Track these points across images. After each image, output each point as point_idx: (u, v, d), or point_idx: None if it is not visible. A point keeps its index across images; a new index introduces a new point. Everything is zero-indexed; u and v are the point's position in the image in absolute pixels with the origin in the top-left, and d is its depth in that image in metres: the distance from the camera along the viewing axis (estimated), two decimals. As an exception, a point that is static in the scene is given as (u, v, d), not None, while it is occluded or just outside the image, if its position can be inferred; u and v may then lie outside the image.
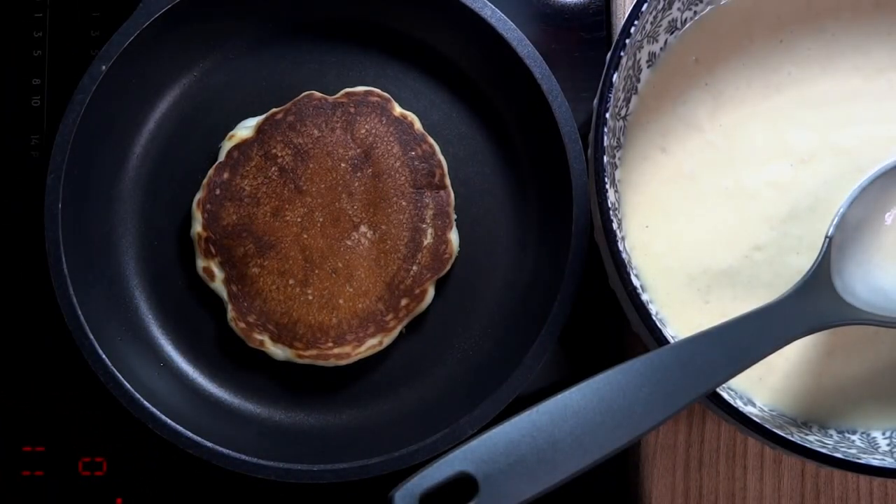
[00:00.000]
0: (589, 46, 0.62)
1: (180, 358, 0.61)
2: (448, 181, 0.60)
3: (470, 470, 0.40)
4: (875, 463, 0.46)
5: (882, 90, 0.52)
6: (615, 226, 0.47)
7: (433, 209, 0.59)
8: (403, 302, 0.58)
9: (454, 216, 0.60)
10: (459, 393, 0.59)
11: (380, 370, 0.60)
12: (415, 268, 0.58)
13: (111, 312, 0.59)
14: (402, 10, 0.61)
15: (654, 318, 0.46)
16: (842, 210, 0.48)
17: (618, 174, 0.52)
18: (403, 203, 0.59)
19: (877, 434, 0.51)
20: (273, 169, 0.59)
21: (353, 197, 0.59)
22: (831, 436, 0.51)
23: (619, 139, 0.52)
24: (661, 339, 0.46)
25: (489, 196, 0.62)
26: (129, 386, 0.55)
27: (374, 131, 0.59)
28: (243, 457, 0.55)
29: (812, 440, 0.48)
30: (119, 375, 0.55)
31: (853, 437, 0.51)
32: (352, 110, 0.60)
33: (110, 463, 0.61)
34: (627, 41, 0.47)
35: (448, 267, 0.59)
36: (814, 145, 0.52)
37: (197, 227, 0.59)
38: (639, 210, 0.52)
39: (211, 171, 0.60)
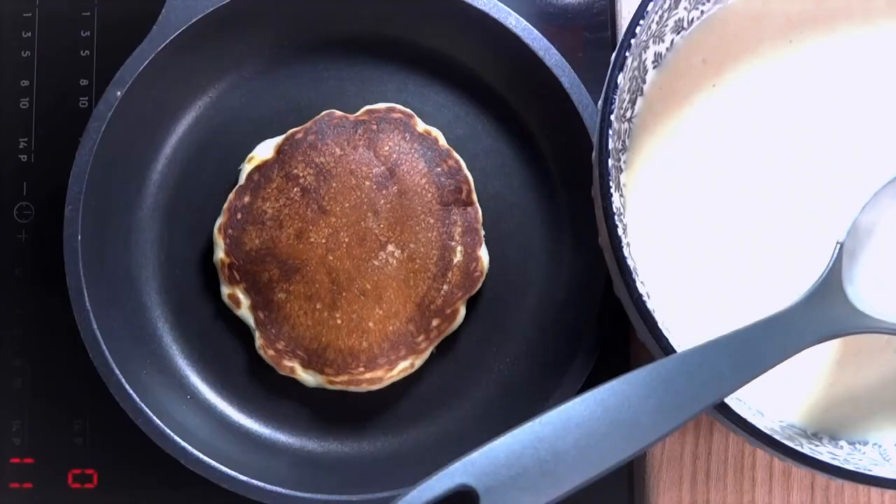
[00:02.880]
0: (593, 47, 0.62)
1: (208, 389, 0.60)
2: (475, 197, 0.59)
3: (470, 482, 0.39)
4: (887, 475, 0.45)
5: (894, 92, 0.52)
6: (620, 231, 0.46)
7: (461, 226, 0.58)
8: (434, 322, 0.57)
9: (483, 232, 0.59)
10: (497, 414, 0.58)
11: (413, 394, 0.59)
12: (445, 287, 0.57)
13: (135, 345, 0.58)
14: (421, 23, 0.60)
15: (660, 326, 0.45)
16: (854, 216, 0.47)
17: (623, 178, 0.51)
18: (431, 220, 0.57)
19: (889, 445, 0.50)
20: (295, 190, 0.58)
21: (378, 216, 0.57)
22: (842, 447, 0.50)
23: (624, 142, 0.51)
24: (667, 348, 0.45)
25: (518, 210, 0.61)
26: (158, 421, 0.55)
27: (397, 148, 0.58)
28: (280, 489, 0.54)
29: (822, 451, 0.47)
30: (147, 410, 0.55)
31: (865, 449, 0.50)
32: (374, 128, 0.58)
33: (101, 475, 0.60)
34: (633, 41, 0.47)
35: (479, 285, 0.58)
36: (823, 148, 0.52)
37: (220, 254, 0.58)
38: (644, 215, 0.52)
39: (231, 195, 0.59)
